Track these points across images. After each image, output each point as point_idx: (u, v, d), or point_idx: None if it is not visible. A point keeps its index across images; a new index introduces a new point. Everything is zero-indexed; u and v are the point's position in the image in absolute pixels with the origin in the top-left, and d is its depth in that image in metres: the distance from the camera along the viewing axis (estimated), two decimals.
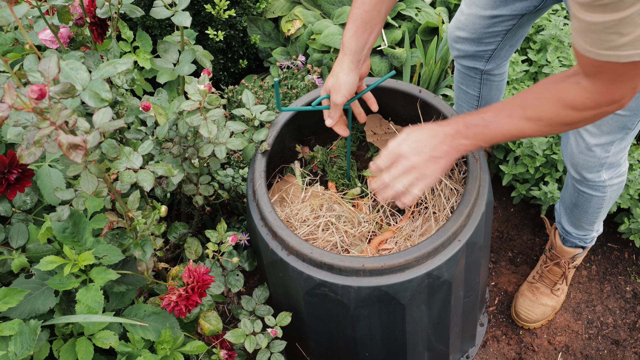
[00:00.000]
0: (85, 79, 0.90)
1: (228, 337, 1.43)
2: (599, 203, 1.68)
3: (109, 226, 1.23)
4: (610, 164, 1.55)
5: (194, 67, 1.35)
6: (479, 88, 1.85)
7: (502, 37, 1.66)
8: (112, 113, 0.89)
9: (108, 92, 0.89)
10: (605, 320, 1.97)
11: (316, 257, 1.31)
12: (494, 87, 1.86)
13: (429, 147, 1.20)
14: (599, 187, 1.62)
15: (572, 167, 1.60)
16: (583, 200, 1.69)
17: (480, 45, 1.69)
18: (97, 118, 0.89)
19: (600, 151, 1.50)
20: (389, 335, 1.49)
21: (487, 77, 1.82)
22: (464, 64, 1.81)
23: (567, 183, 1.74)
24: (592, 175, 1.58)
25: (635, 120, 1.41)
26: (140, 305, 1.38)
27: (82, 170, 0.93)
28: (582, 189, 1.65)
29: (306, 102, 1.57)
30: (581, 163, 1.55)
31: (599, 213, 1.73)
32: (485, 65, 1.76)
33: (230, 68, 2.44)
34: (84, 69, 0.90)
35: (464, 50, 1.74)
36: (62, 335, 1.30)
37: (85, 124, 0.86)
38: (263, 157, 1.46)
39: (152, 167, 1.20)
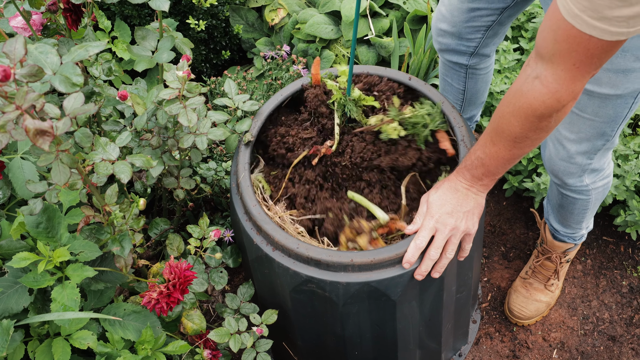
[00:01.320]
0: (55, 62, 0.88)
1: (212, 337, 1.40)
2: (584, 205, 1.67)
3: (85, 221, 1.20)
4: (593, 169, 1.54)
5: (173, 54, 1.32)
6: (464, 82, 1.85)
7: (483, 33, 1.66)
8: (83, 98, 0.86)
9: (79, 76, 0.87)
10: (601, 315, 1.97)
11: (303, 252, 1.29)
12: (479, 80, 1.86)
13: (458, 204, 1.27)
14: (582, 191, 1.61)
15: (552, 173, 1.59)
16: (567, 202, 1.68)
17: (462, 41, 1.69)
18: (68, 103, 0.87)
19: (582, 158, 1.49)
20: (379, 333, 1.47)
21: (472, 72, 1.81)
22: (447, 58, 1.80)
23: (552, 184, 1.73)
24: (574, 180, 1.57)
25: (613, 127, 1.39)
26: (120, 303, 1.35)
27: (53, 161, 0.90)
28: (565, 193, 1.64)
29: (291, 91, 1.55)
30: (562, 169, 1.54)
31: (585, 214, 1.72)
32: (469, 60, 1.76)
33: (213, 59, 2.41)
34: (54, 53, 0.88)
35: (446, 44, 1.74)
36: (37, 336, 1.27)
37: (55, 109, 0.83)
38: (247, 149, 1.44)
39: (130, 159, 1.17)
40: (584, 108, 1.36)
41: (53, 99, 1.36)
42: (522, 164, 2.04)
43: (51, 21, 1.36)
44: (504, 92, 2.05)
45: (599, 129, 1.39)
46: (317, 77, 1.49)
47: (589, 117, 1.37)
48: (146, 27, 1.38)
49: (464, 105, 1.94)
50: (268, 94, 2.06)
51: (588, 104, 1.34)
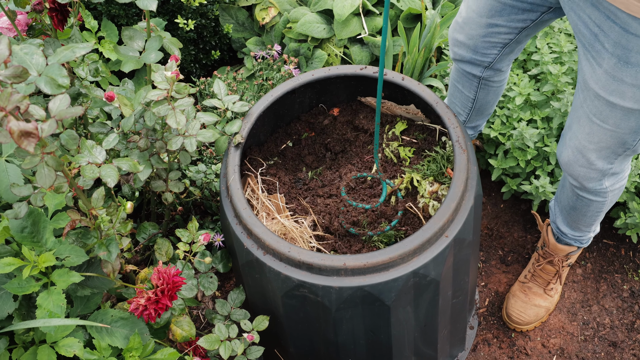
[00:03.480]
0: (41, 63, 0.89)
1: (201, 343, 1.42)
2: (599, 207, 1.70)
3: (71, 225, 1.22)
4: (613, 173, 1.57)
5: (161, 54, 1.34)
6: (476, 91, 1.86)
7: (500, 50, 1.67)
8: (69, 100, 0.88)
9: (65, 77, 0.89)
10: (602, 320, 1.99)
11: (294, 256, 1.31)
12: (491, 92, 1.87)
13: None
14: (600, 193, 1.64)
15: (571, 176, 1.61)
16: (582, 205, 1.70)
17: (477, 55, 1.70)
18: (53, 105, 0.88)
19: (603, 164, 1.51)
20: (373, 340, 1.49)
21: (485, 83, 1.83)
22: (461, 67, 1.82)
23: (564, 185, 1.75)
24: (594, 184, 1.59)
25: (635, 137, 1.41)
26: (107, 310, 1.37)
27: (38, 163, 0.92)
28: (582, 194, 1.66)
29: (283, 91, 1.57)
30: (582, 175, 1.56)
31: (598, 215, 1.75)
32: (483, 72, 1.77)
33: (202, 59, 2.43)
34: (39, 54, 0.89)
35: (461, 55, 1.75)
36: (22, 343, 1.28)
37: (41, 111, 0.85)
38: (237, 151, 1.46)
39: (117, 162, 1.19)
40: (606, 119, 1.38)
41: (39, 101, 1.38)
42: (520, 166, 2.06)
43: (37, 21, 1.38)
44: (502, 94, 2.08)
45: (620, 139, 1.42)
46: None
47: (610, 129, 1.40)
48: (133, 27, 1.40)
49: (471, 115, 1.96)
50: (259, 94, 2.08)
51: (610, 116, 1.37)
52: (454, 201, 1.37)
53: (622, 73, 1.27)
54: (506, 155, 2.10)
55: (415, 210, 1.51)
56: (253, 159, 1.65)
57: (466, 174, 1.41)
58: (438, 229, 1.34)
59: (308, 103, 1.70)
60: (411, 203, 1.52)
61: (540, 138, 2.01)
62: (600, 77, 1.32)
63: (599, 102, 1.36)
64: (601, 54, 1.29)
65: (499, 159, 2.07)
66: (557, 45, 2.04)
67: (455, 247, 1.40)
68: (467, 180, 1.42)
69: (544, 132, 2.00)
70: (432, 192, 1.50)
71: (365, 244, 1.51)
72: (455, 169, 1.41)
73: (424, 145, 1.61)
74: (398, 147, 1.61)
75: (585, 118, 1.43)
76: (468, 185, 1.43)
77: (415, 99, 1.57)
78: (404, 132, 1.64)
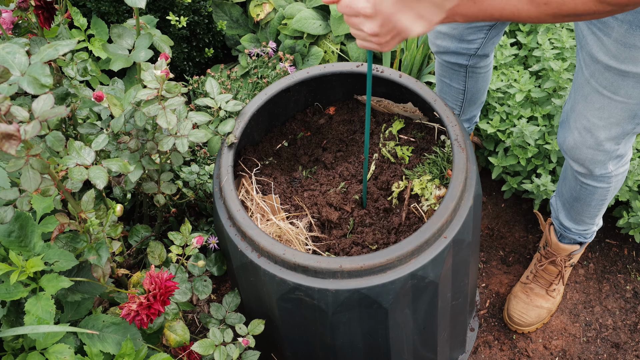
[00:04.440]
0: (23, 63, 0.88)
1: (195, 349, 1.41)
2: (603, 195, 1.69)
3: (59, 229, 1.21)
4: (618, 155, 1.56)
5: (152, 52, 1.33)
6: (464, 82, 1.85)
7: (486, 33, 1.66)
8: (53, 100, 0.87)
9: (48, 77, 0.87)
10: (605, 322, 1.99)
11: (289, 259, 1.30)
12: (480, 79, 1.87)
13: (403, 10, 1.04)
14: (604, 179, 1.63)
15: (576, 162, 1.60)
16: (586, 193, 1.70)
17: (462, 43, 1.69)
18: (37, 106, 0.87)
19: (611, 144, 1.51)
20: (371, 343, 1.48)
21: (472, 71, 1.82)
22: (445, 59, 1.80)
23: (565, 176, 1.74)
24: (599, 168, 1.59)
25: None
26: (99, 315, 1.36)
27: (23, 166, 0.91)
28: (586, 182, 1.66)
29: (278, 89, 1.56)
30: (589, 158, 1.56)
31: (602, 205, 1.74)
32: (469, 61, 1.76)
33: (196, 57, 2.42)
34: (22, 53, 0.88)
35: (444, 47, 1.74)
36: (11, 350, 1.27)
37: (24, 112, 0.84)
38: (230, 151, 1.45)
39: (106, 163, 1.18)
40: (617, 90, 1.38)
41: (26, 102, 1.36)
42: (520, 164, 2.05)
43: (22, 19, 1.37)
44: (501, 90, 2.07)
45: (631, 112, 1.42)
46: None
47: (621, 100, 1.39)
48: (123, 25, 1.39)
49: (464, 106, 1.95)
50: (254, 93, 2.07)
51: (622, 85, 1.36)
52: (452, 201, 1.36)
53: (634, 38, 1.26)
54: (506, 153, 2.09)
55: (420, 213, 1.50)
56: (247, 159, 1.64)
57: (465, 173, 1.40)
58: (436, 230, 1.33)
59: (303, 101, 1.69)
60: (416, 204, 1.51)
61: (541, 135, 2.00)
62: (610, 47, 1.31)
63: (610, 73, 1.36)
64: (609, 24, 1.28)
65: (499, 157, 2.06)
66: (559, 41, 2.03)
67: (454, 248, 1.39)
68: (466, 180, 1.41)
69: (544, 130, 2.00)
70: (439, 196, 1.49)
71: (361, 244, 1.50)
72: (453, 169, 1.40)
73: (422, 144, 1.60)
74: (395, 146, 1.60)
75: (595, 93, 1.42)
76: (467, 184, 1.42)
77: (413, 97, 1.56)
78: (401, 130, 1.63)
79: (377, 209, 1.54)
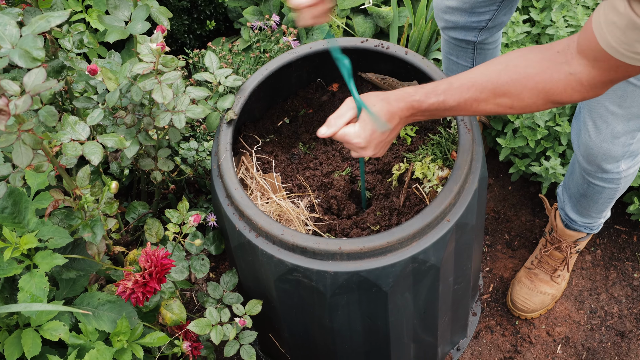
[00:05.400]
0: (14, 35, 0.87)
1: (192, 328, 1.42)
2: (611, 194, 1.68)
3: (53, 205, 1.21)
4: (631, 152, 1.54)
5: (149, 25, 1.32)
6: (472, 59, 1.83)
7: (498, 5, 1.63)
8: (45, 74, 0.86)
9: (40, 50, 0.87)
10: (610, 309, 1.99)
11: (288, 239, 1.30)
12: (488, 55, 1.84)
13: (386, 134, 1.26)
14: (613, 179, 1.61)
15: (586, 158, 1.58)
16: (593, 192, 1.68)
17: (473, 16, 1.67)
18: (28, 80, 0.87)
19: (626, 138, 1.48)
20: (370, 326, 1.49)
21: (480, 47, 1.80)
22: (452, 36, 1.78)
23: (573, 171, 1.72)
24: (611, 166, 1.56)
25: None
26: (94, 293, 1.36)
27: (14, 142, 0.91)
28: (594, 182, 1.64)
29: (279, 64, 1.55)
30: (601, 153, 1.53)
31: (610, 202, 1.73)
32: (478, 36, 1.73)
33: (196, 30, 2.40)
34: (12, 24, 0.88)
35: (453, 22, 1.71)
36: (6, 327, 1.28)
37: (14, 86, 0.83)
38: (229, 128, 1.44)
39: (101, 139, 1.18)
40: None
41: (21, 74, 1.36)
42: (529, 146, 2.04)
43: None
44: None
45: None
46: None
47: None
48: None
49: None
50: (255, 67, 2.06)
51: None
52: (456, 184, 1.35)
53: None
54: (515, 135, 2.08)
55: (422, 194, 1.50)
56: (248, 136, 1.63)
57: (471, 155, 1.39)
58: (439, 213, 1.32)
59: (306, 78, 1.68)
60: (418, 186, 1.51)
61: (552, 117, 1.98)
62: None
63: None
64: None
65: (507, 138, 2.05)
66: (574, 19, 2.00)
67: (457, 232, 1.39)
68: (472, 162, 1.41)
69: (555, 111, 1.98)
70: (442, 177, 1.49)
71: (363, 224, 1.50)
72: (459, 150, 1.39)
73: (427, 124, 1.59)
74: None
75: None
76: (472, 167, 1.41)
77: (419, 75, 1.55)
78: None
79: (376, 193, 1.54)
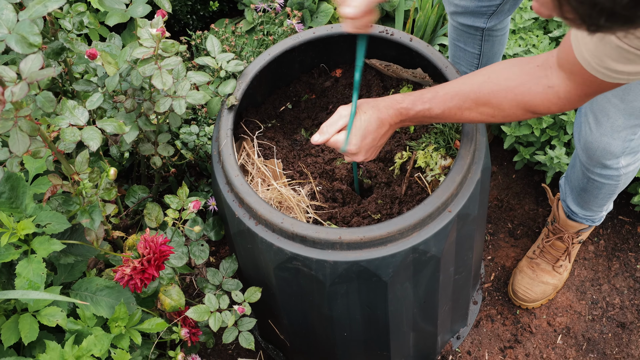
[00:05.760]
0: (11, 19, 0.86)
1: (190, 315, 1.42)
2: (611, 190, 1.67)
3: (52, 190, 1.21)
4: (632, 149, 1.52)
5: (149, 8, 1.31)
6: (480, 45, 1.81)
7: None
8: (42, 60, 0.85)
9: (37, 35, 0.86)
10: (612, 300, 1.99)
11: (287, 228, 1.29)
12: (496, 43, 1.82)
13: (377, 139, 1.32)
14: (612, 176, 1.60)
15: (586, 153, 1.56)
16: (593, 187, 1.67)
17: (483, 0, 1.64)
18: (25, 66, 0.86)
19: (627, 133, 1.46)
20: (369, 315, 1.49)
21: (489, 34, 1.77)
22: (461, 22, 1.75)
23: (574, 164, 1.71)
24: (611, 162, 1.55)
25: None
26: (92, 278, 1.37)
27: (11, 128, 0.90)
28: (593, 177, 1.63)
29: (282, 49, 1.53)
30: (601, 148, 1.51)
31: (611, 197, 1.72)
32: (487, 22, 1.71)
33: (200, 11, 2.38)
34: (10, 9, 0.86)
35: (463, 6, 1.68)
36: (3, 312, 1.29)
37: (11, 72, 0.83)
38: (230, 113, 1.43)
39: (100, 124, 1.17)
40: None
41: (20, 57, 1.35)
42: (534, 135, 2.02)
43: None
44: (518, 56, 2.03)
45: None
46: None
47: None
48: None
49: None
50: (259, 50, 2.04)
51: None
52: (459, 174, 1.34)
53: None
54: (520, 123, 2.06)
55: (424, 183, 1.49)
56: (249, 121, 1.62)
57: (474, 145, 1.38)
58: (441, 204, 1.32)
59: (309, 63, 1.67)
60: (420, 174, 1.50)
61: None
62: None
63: None
64: None
65: (512, 126, 2.04)
66: None
67: (459, 223, 1.38)
68: (475, 152, 1.40)
69: None
70: (445, 166, 1.48)
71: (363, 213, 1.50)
72: (462, 140, 1.38)
73: None
74: None
75: None
76: (475, 157, 1.40)
77: (424, 62, 1.53)
78: None
79: (378, 181, 1.53)
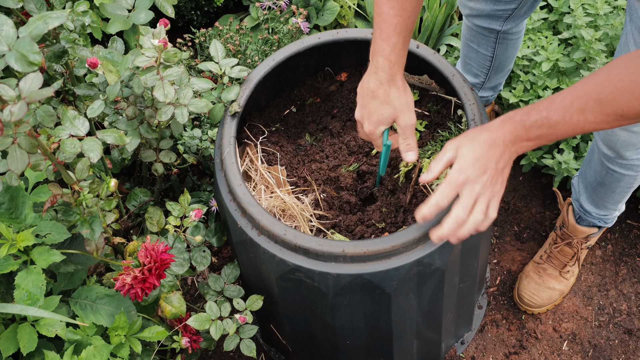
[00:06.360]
0: (11, 36, 0.85)
1: (191, 323, 1.42)
2: (630, 182, 1.65)
3: (52, 200, 1.20)
4: None
5: (152, 14, 1.30)
6: (494, 48, 1.79)
7: None
8: (42, 79, 0.84)
9: (37, 53, 0.84)
10: (619, 306, 1.98)
11: (290, 240, 1.29)
12: (510, 46, 1.80)
13: (493, 161, 1.15)
14: (633, 166, 1.59)
15: (607, 144, 1.55)
16: (612, 180, 1.65)
17: (499, 4, 1.62)
18: (24, 85, 0.85)
19: None
20: (372, 325, 1.48)
21: (503, 37, 1.75)
22: (476, 24, 1.73)
23: (591, 159, 1.70)
24: (631, 152, 1.53)
25: None
26: (92, 286, 1.36)
27: (10, 145, 0.89)
28: (613, 168, 1.61)
29: (286, 55, 1.52)
30: (622, 140, 1.50)
31: (627, 192, 1.71)
32: (503, 25, 1.68)
33: (204, 6, 2.36)
34: (9, 24, 0.85)
35: (479, 9, 1.66)
36: (2, 321, 1.28)
37: (10, 91, 0.81)
38: (233, 120, 1.42)
39: (101, 135, 1.16)
40: None
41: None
42: None
43: None
44: (527, 57, 2.01)
45: None
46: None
47: None
48: None
49: (489, 74, 1.89)
50: (263, 49, 2.02)
51: None
52: None
53: None
54: None
55: (430, 192, 1.48)
56: (253, 125, 1.61)
57: None
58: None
59: (314, 66, 1.65)
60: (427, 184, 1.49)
61: None
62: None
63: None
64: None
65: None
66: (593, 7, 1.95)
67: None
68: None
69: None
70: None
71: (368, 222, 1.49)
72: None
73: (437, 119, 1.56)
74: None
75: None
76: None
77: (430, 69, 1.51)
78: (416, 103, 1.59)
79: (383, 188, 1.52)
